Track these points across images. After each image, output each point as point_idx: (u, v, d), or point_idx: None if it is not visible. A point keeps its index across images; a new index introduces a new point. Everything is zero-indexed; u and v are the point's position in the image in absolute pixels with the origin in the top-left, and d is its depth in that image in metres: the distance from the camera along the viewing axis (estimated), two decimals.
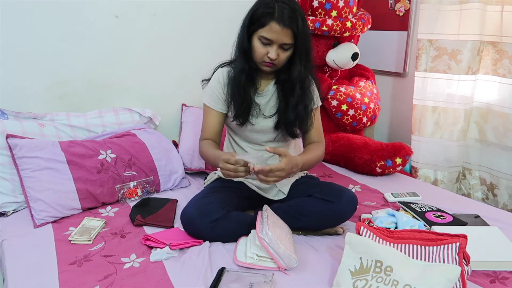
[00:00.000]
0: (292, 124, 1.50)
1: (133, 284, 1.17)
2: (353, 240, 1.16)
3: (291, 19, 1.33)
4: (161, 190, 1.84)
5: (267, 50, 1.37)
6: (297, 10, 1.35)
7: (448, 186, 2.27)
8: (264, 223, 1.27)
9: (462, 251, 1.11)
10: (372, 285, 1.06)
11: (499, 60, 2.03)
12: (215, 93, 1.52)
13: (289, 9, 1.33)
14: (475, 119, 2.21)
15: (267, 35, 1.34)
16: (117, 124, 1.96)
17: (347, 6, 2.25)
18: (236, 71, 1.46)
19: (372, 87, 2.41)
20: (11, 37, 1.74)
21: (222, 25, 2.26)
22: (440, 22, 2.14)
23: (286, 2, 1.34)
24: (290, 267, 1.24)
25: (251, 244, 1.29)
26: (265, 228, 1.23)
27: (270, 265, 1.24)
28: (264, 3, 1.35)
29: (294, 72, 1.43)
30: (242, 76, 1.45)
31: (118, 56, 2.03)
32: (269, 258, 1.24)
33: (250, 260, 1.25)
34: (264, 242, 1.21)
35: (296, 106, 1.47)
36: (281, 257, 1.22)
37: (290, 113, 1.48)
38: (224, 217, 1.39)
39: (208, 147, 1.48)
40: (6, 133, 1.65)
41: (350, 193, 1.49)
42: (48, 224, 1.52)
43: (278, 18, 1.32)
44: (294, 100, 1.47)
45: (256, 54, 1.40)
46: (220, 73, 1.52)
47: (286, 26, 1.32)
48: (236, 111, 1.48)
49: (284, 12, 1.32)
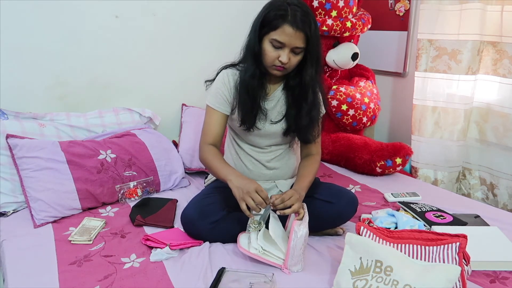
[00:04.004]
0: (306, 130, 1.47)
1: (133, 284, 1.17)
2: (353, 240, 1.16)
3: (304, 22, 1.29)
4: (161, 190, 1.84)
5: (279, 53, 1.33)
6: (310, 13, 1.32)
7: (448, 186, 2.27)
8: (305, 219, 1.27)
9: (462, 251, 1.11)
10: (372, 285, 1.06)
11: (499, 60, 2.03)
12: (220, 95, 1.47)
13: (302, 12, 1.30)
14: (475, 119, 2.21)
15: (280, 38, 1.31)
16: (117, 124, 1.96)
17: (347, 6, 2.24)
18: (247, 76, 1.42)
19: (372, 87, 2.41)
20: (11, 37, 1.74)
21: (223, 24, 2.27)
22: (440, 22, 2.14)
23: (298, 5, 1.31)
24: (291, 270, 1.23)
25: (260, 236, 1.27)
26: (304, 224, 1.24)
27: (273, 260, 1.24)
28: (276, 5, 1.32)
29: (306, 76, 1.40)
30: (254, 81, 1.41)
31: (118, 56, 2.03)
32: (274, 254, 1.24)
33: (254, 250, 1.24)
34: (295, 234, 1.20)
35: (309, 112, 1.44)
36: (294, 257, 1.21)
37: (303, 119, 1.44)
38: (224, 218, 1.39)
39: (213, 157, 1.43)
40: (6, 133, 1.65)
41: (351, 194, 1.48)
42: (48, 224, 1.52)
43: (291, 21, 1.29)
44: (308, 106, 1.43)
45: (267, 57, 1.36)
46: (225, 75, 1.48)
47: (299, 29, 1.29)
48: (244, 116, 1.45)
49: (297, 14, 1.29)
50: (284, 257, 1.24)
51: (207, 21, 2.24)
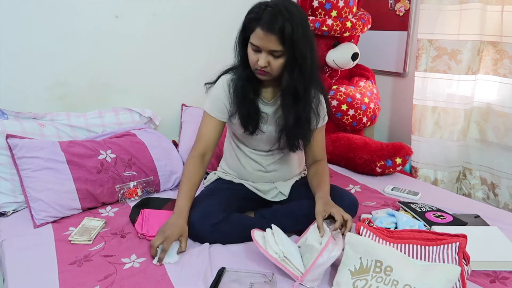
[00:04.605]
0: (294, 137, 1.43)
1: (133, 284, 1.17)
2: (353, 240, 1.16)
3: (275, 23, 1.22)
4: (161, 190, 1.84)
5: (258, 57, 1.30)
6: (284, 14, 1.22)
7: (448, 186, 2.27)
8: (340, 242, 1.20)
9: (462, 251, 1.11)
10: (372, 285, 1.06)
11: (500, 60, 2.03)
12: (219, 101, 1.45)
13: (274, 12, 1.22)
14: (476, 119, 2.21)
15: (254, 41, 1.28)
16: (117, 124, 1.96)
17: (347, 6, 2.24)
18: (239, 81, 1.40)
19: (372, 87, 2.41)
20: (11, 37, 1.74)
21: (223, 25, 2.26)
22: (440, 22, 2.13)
23: (273, 6, 1.24)
24: (307, 285, 1.16)
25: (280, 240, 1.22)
26: (339, 246, 1.17)
27: (291, 270, 1.17)
28: (253, 8, 1.29)
29: (284, 81, 1.33)
30: (247, 86, 1.39)
31: (118, 56, 2.03)
32: (294, 264, 1.17)
33: (275, 255, 1.18)
34: (328, 252, 1.15)
35: (298, 119, 1.39)
36: (315, 273, 1.15)
37: (291, 126, 1.40)
38: (224, 220, 1.38)
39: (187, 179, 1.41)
40: (6, 133, 1.65)
41: (351, 196, 1.48)
42: (48, 224, 1.52)
43: (262, 23, 1.24)
44: (296, 113, 1.38)
45: (250, 61, 1.34)
46: (224, 81, 1.45)
47: (270, 31, 1.23)
48: (243, 120, 1.42)
49: (267, 16, 1.23)
50: (302, 269, 1.18)
51: (207, 21, 2.24)
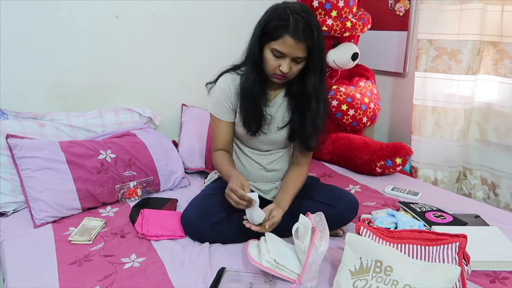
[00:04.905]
0: (310, 138, 1.45)
1: (133, 284, 1.17)
2: (353, 240, 1.16)
3: (306, 32, 1.26)
4: (161, 190, 1.84)
5: (279, 63, 1.31)
6: (312, 22, 1.27)
7: (448, 186, 2.27)
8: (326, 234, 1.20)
9: (462, 251, 1.11)
10: (372, 285, 1.06)
11: (500, 60, 2.03)
12: (221, 104, 1.46)
13: (304, 22, 1.25)
14: (476, 119, 2.21)
15: (280, 48, 1.28)
16: (117, 124, 1.96)
17: (347, 6, 2.24)
18: (247, 83, 1.40)
19: (372, 87, 2.41)
20: (11, 37, 1.74)
21: (223, 25, 2.27)
22: (440, 22, 2.13)
23: (300, 13, 1.26)
24: (306, 285, 1.17)
25: (273, 249, 1.22)
26: (325, 239, 1.17)
27: (287, 275, 1.18)
28: (278, 14, 1.28)
29: (308, 86, 1.37)
30: (255, 89, 1.39)
31: (118, 56, 2.03)
32: (288, 268, 1.18)
33: (267, 264, 1.18)
34: (315, 249, 1.14)
35: (313, 120, 1.41)
36: (311, 272, 1.15)
37: (308, 127, 1.42)
38: (224, 220, 1.39)
39: (222, 161, 1.45)
40: (6, 133, 1.65)
41: (351, 197, 1.48)
42: (48, 224, 1.52)
43: (293, 32, 1.25)
44: (311, 115, 1.41)
45: (267, 66, 1.34)
46: (225, 81, 1.45)
47: (301, 41, 1.26)
48: (247, 122, 1.43)
49: (299, 25, 1.25)
50: (298, 271, 1.18)
51: (207, 21, 2.24)
